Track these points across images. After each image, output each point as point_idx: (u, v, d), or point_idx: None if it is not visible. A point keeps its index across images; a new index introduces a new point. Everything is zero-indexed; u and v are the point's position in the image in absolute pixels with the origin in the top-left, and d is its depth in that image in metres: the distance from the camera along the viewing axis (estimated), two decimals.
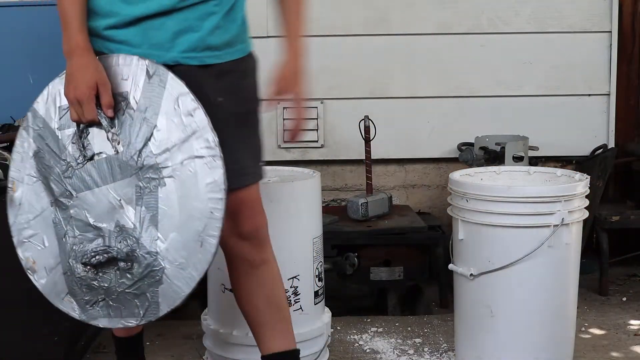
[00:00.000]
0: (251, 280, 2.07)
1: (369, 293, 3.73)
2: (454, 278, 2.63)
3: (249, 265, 2.05)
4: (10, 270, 2.48)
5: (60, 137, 1.93)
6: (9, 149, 2.76)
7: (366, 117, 3.51)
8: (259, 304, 2.08)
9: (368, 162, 3.55)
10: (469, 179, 2.63)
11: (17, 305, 2.50)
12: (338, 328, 3.05)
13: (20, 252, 2.00)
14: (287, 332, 2.10)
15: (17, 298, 2.49)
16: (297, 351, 2.11)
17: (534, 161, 3.59)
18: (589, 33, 3.77)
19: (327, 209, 3.47)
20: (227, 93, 1.98)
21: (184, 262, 1.84)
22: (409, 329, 3.07)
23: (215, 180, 1.82)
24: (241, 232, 2.04)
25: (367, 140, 3.52)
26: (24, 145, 1.97)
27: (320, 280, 2.66)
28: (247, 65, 2.07)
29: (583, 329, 3.03)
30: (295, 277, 2.57)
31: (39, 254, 1.98)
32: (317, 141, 3.80)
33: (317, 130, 3.79)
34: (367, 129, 3.51)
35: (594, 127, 3.82)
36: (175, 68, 1.90)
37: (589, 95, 3.82)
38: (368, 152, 3.54)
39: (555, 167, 3.67)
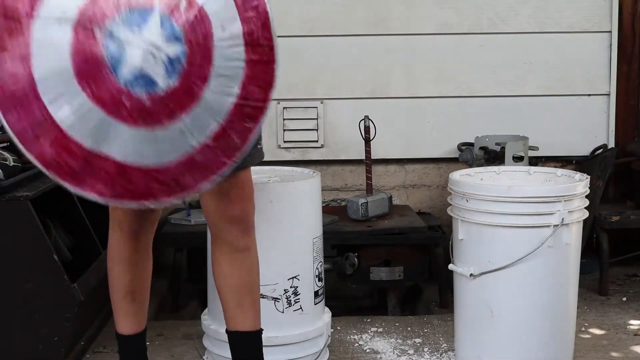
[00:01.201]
0: (232, 264, 2.15)
1: (369, 293, 3.73)
2: (454, 278, 2.63)
3: (233, 250, 2.13)
4: (10, 270, 2.49)
5: None
6: (9, 149, 2.76)
7: (366, 117, 3.51)
8: (235, 286, 2.16)
9: (368, 162, 3.55)
10: (469, 179, 2.63)
11: (17, 305, 2.50)
12: (338, 328, 3.05)
13: None
14: (255, 315, 2.20)
15: (17, 298, 2.50)
16: (261, 331, 2.21)
17: (534, 161, 3.59)
18: (589, 33, 3.78)
19: (327, 209, 3.47)
20: None
21: None
22: (409, 329, 3.07)
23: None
24: (231, 216, 2.10)
25: (367, 140, 3.52)
26: None
27: (320, 280, 2.66)
28: None
29: (583, 329, 3.03)
30: (295, 277, 2.57)
31: None
32: (317, 141, 3.80)
33: (317, 130, 3.79)
34: (367, 129, 3.51)
35: (594, 127, 3.82)
36: None
37: (589, 95, 3.82)
38: (368, 152, 3.54)
39: (555, 167, 3.67)
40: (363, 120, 3.52)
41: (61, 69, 1.64)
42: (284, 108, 3.78)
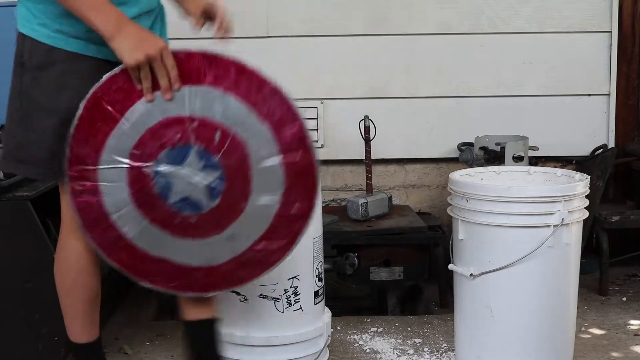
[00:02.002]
0: None
1: (369, 293, 3.73)
2: (454, 278, 2.63)
3: None
4: (10, 270, 2.49)
5: None
6: None
7: (366, 117, 3.51)
8: None
9: (368, 162, 3.55)
10: (469, 179, 2.63)
11: (17, 305, 2.50)
12: (338, 328, 3.04)
13: None
14: (211, 304, 2.22)
15: (17, 298, 2.50)
16: (217, 319, 2.23)
17: (534, 161, 3.59)
18: (589, 33, 3.77)
19: (327, 209, 3.47)
20: None
21: None
22: (409, 329, 3.07)
23: None
24: None
25: (367, 140, 3.52)
26: None
27: (320, 280, 2.66)
28: None
29: (583, 329, 3.03)
30: (295, 277, 2.57)
31: None
32: (317, 141, 3.80)
33: (317, 130, 3.79)
34: (367, 129, 3.51)
35: (594, 127, 3.82)
36: None
37: (589, 95, 3.82)
38: (368, 152, 3.53)
39: (555, 167, 3.67)
40: (363, 120, 3.52)
41: (123, 199, 2.00)
42: None
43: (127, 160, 1.98)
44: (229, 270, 2.06)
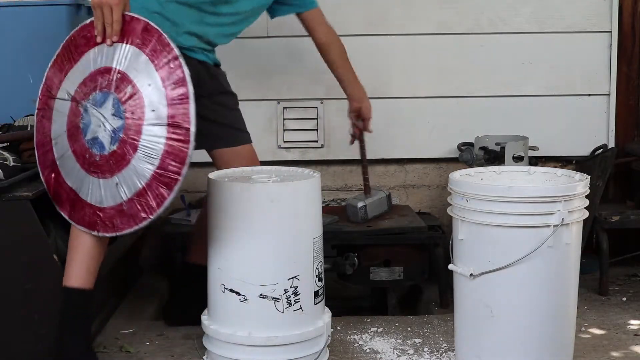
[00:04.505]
0: None
1: (369, 293, 3.73)
2: (454, 278, 2.63)
3: None
4: (10, 270, 2.49)
5: None
6: (9, 149, 2.76)
7: None
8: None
9: (364, 164, 3.53)
10: (469, 179, 2.63)
11: (17, 305, 2.50)
12: (338, 328, 3.04)
13: None
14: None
15: (17, 298, 2.49)
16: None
17: (534, 161, 3.59)
18: (589, 33, 3.78)
19: (327, 209, 3.46)
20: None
21: None
22: (409, 329, 3.07)
23: None
24: None
25: (362, 142, 3.50)
26: None
27: (320, 280, 2.66)
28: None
29: (583, 329, 3.03)
30: (295, 277, 2.57)
31: None
32: (317, 141, 3.80)
33: (317, 130, 3.79)
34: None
35: (594, 127, 3.82)
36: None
37: (589, 95, 3.82)
38: (363, 154, 3.51)
39: (555, 167, 3.67)
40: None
41: (62, 129, 2.45)
42: (284, 108, 3.78)
43: (72, 95, 2.41)
44: (110, 215, 2.36)
